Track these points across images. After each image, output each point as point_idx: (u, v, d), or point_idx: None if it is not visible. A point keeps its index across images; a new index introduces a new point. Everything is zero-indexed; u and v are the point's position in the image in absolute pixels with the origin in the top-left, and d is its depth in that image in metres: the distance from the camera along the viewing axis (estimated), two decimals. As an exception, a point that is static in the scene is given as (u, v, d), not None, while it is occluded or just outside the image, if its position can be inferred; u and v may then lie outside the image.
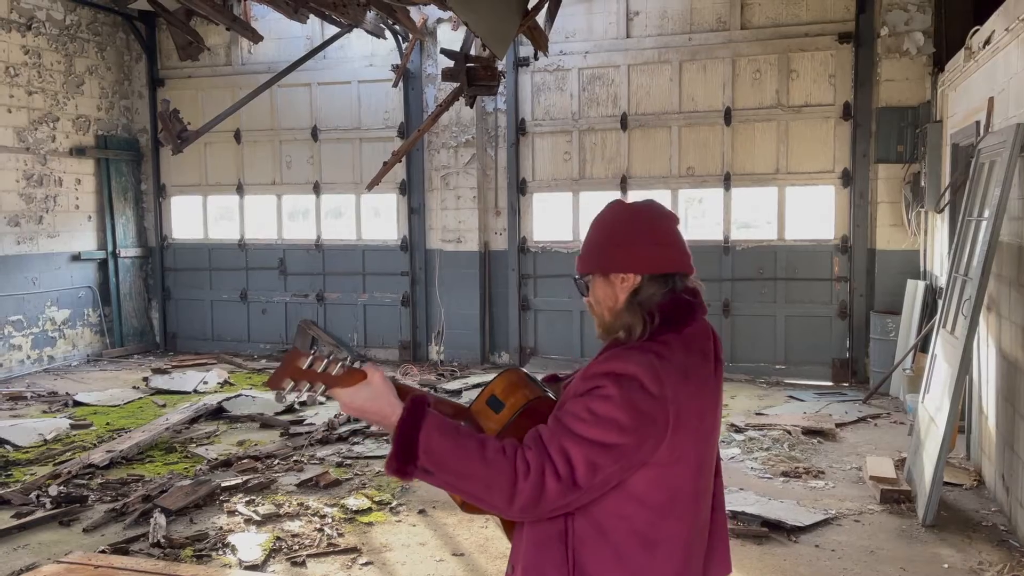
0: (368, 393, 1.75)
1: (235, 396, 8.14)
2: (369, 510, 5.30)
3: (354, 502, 5.40)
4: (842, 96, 8.73)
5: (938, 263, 7.51)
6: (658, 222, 1.85)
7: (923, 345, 7.36)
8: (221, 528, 4.99)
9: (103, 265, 10.95)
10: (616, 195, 9.51)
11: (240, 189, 11.03)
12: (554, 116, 9.74)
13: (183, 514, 5.19)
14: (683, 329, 1.78)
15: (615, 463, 1.67)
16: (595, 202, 9.72)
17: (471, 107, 8.43)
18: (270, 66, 10.20)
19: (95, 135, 10.84)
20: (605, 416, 1.67)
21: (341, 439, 6.85)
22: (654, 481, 1.73)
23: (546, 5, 7.27)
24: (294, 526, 5.02)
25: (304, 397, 1.77)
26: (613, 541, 1.74)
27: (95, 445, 6.68)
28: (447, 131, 9.81)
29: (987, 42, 5.53)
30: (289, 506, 5.33)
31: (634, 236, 1.82)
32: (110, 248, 10.94)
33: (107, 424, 7.42)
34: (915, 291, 7.95)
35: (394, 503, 5.42)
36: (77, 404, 8.16)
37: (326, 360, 1.73)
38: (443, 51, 7.31)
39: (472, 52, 7.48)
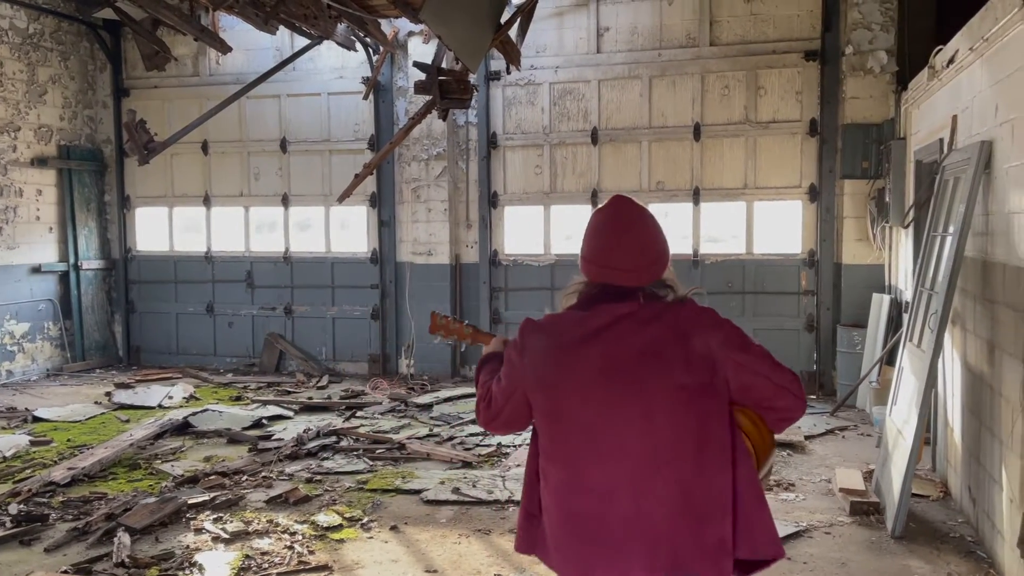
0: (491, 345, 2.60)
1: (201, 411, 7.99)
2: (340, 527, 5.22)
3: (324, 518, 5.32)
4: (809, 112, 8.87)
5: (902, 277, 7.63)
6: (594, 242, 2.29)
7: (889, 358, 7.47)
8: (188, 547, 4.89)
9: (64, 277, 10.73)
10: (588, 209, 9.55)
11: (207, 201, 10.89)
12: (525, 130, 9.76)
13: (148, 533, 5.06)
14: (585, 309, 2.25)
15: (505, 389, 2.30)
16: (566, 216, 9.78)
17: (444, 120, 8.42)
18: (238, 77, 10.11)
19: (57, 145, 10.65)
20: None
21: (310, 454, 6.76)
22: (537, 422, 2.30)
23: (518, 20, 7.31)
24: (263, 544, 4.93)
25: (450, 341, 3.01)
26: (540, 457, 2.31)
27: (56, 462, 6.52)
28: (418, 144, 9.78)
29: (951, 61, 5.65)
30: (258, 523, 5.24)
31: (583, 247, 2.33)
32: (72, 260, 10.73)
33: (68, 440, 7.25)
34: (880, 305, 8.07)
35: (365, 519, 5.35)
36: (37, 420, 7.96)
37: (451, 318, 2.93)
38: (415, 64, 7.30)
39: (444, 65, 7.48)
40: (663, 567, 2.11)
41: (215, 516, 5.34)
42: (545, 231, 9.82)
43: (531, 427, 2.35)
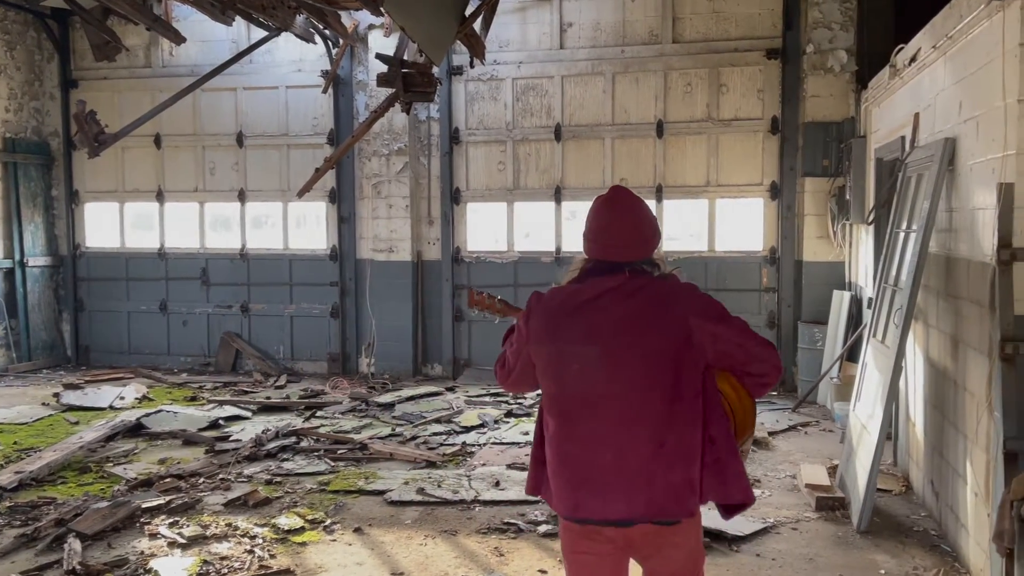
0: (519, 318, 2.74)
1: (155, 412, 7.76)
2: (302, 529, 5.08)
3: (286, 521, 5.17)
4: (770, 111, 8.92)
5: (862, 274, 7.71)
6: (592, 222, 2.62)
7: (849, 354, 7.54)
8: (143, 553, 4.71)
9: (9, 275, 10.35)
10: (551, 206, 9.51)
11: (160, 196, 10.60)
12: (488, 126, 9.67)
13: (100, 538, 4.87)
14: (582, 282, 2.57)
15: (515, 351, 2.68)
16: (530, 212, 9.71)
17: (407, 113, 8.29)
18: (193, 69, 9.86)
19: (2, 138, 10.26)
20: None
21: (270, 455, 6.59)
22: (539, 380, 2.64)
23: (482, 13, 7.21)
24: (222, 548, 4.77)
25: (486, 314, 3.15)
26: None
27: (2, 466, 6.26)
28: (378, 139, 9.63)
29: (912, 59, 5.69)
30: (216, 527, 5.07)
31: (584, 227, 2.65)
32: (17, 257, 10.36)
33: (15, 443, 6.97)
34: (841, 301, 8.15)
35: (328, 521, 5.21)
36: (-19, 422, 7.66)
37: (486, 295, 3.13)
38: (378, 56, 7.15)
39: (406, 58, 7.36)
40: (639, 504, 2.44)
41: (171, 520, 5.16)
42: (508, 228, 9.74)
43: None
